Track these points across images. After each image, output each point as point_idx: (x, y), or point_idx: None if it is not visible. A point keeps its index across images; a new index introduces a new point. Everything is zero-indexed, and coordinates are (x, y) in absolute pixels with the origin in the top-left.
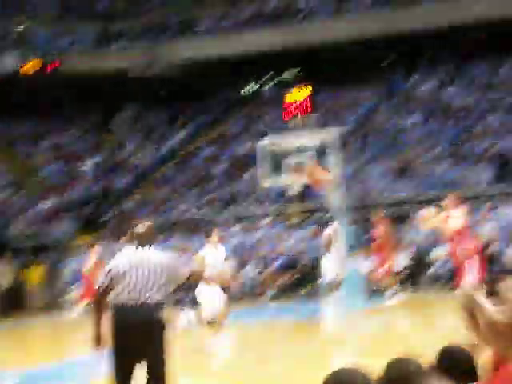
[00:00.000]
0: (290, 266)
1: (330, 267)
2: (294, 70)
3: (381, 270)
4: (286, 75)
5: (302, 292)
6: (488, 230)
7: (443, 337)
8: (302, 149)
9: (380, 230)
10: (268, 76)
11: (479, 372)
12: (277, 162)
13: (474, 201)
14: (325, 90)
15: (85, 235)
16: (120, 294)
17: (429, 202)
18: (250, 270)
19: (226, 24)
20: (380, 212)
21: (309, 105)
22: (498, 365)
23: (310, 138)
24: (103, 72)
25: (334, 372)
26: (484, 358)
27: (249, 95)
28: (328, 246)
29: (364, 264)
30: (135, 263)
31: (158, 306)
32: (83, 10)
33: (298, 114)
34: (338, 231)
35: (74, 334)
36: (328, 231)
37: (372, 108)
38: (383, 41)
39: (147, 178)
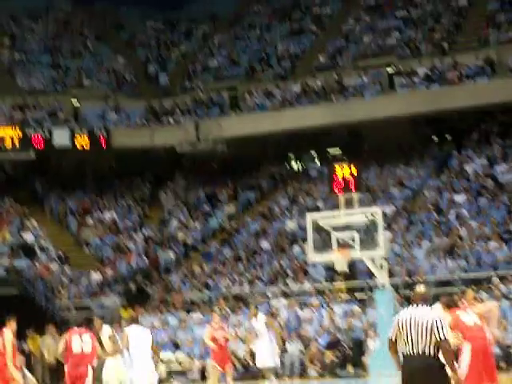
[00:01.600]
0: (334, 344)
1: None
2: (342, 147)
3: None
4: (333, 152)
5: (347, 370)
6: None
7: None
8: (348, 226)
9: None
10: (316, 152)
11: None
12: (324, 238)
13: None
14: (373, 167)
15: (131, 308)
16: (403, 345)
17: (477, 282)
18: (294, 348)
19: (273, 101)
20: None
21: (356, 181)
22: None
23: (357, 215)
24: (151, 147)
25: None
26: None
27: (295, 171)
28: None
29: None
30: (412, 319)
31: (433, 357)
32: (134, 87)
33: (345, 190)
34: None
35: None
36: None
37: (420, 185)
38: (432, 118)
39: (194, 252)
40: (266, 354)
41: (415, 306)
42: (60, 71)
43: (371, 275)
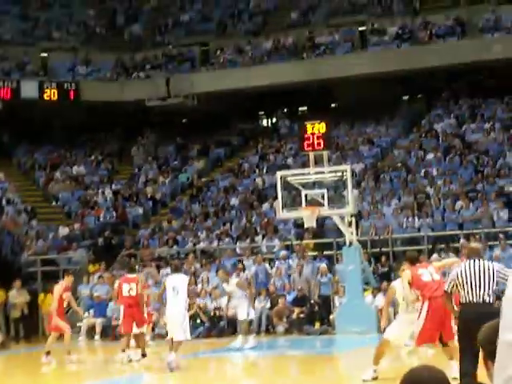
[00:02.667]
0: (301, 300)
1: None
2: (313, 104)
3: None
4: (304, 109)
5: (314, 327)
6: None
7: None
8: (318, 183)
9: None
10: (286, 109)
11: None
12: (294, 195)
13: (488, 240)
14: (342, 125)
15: (99, 263)
16: (464, 294)
17: (443, 240)
18: (262, 303)
19: (244, 57)
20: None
21: (326, 139)
22: None
23: (325, 174)
24: (121, 101)
25: (412, 370)
26: None
27: (265, 128)
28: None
29: (378, 300)
30: (473, 271)
31: (492, 303)
32: (104, 40)
33: (312, 149)
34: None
35: (85, 361)
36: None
37: (389, 144)
38: (403, 77)
39: (162, 207)
40: (241, 309)
41: (472, 260)
42: (29, 23)
43: (340, 232)
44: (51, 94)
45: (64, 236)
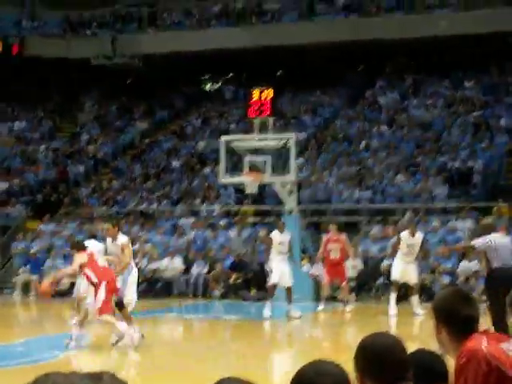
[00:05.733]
0: (239, 266)
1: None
2: (258, 71)
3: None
4: (249, 75)
5: (250, 292)
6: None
7: None
8: (261, 150)
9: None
10: (231, 74)
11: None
12: (235, 161)
13: (426, 214)
14: (287, 93)
15: (37, 219)
16: (492, 260)
17: (381, 213)
18: (200, 267)
19: (191, 20)
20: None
21: (270, 107)
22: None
23: (269, 141)
24: (66, 59)
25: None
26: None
27: (210, 92)
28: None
29: (315, 268)
30: (500, 241)
31: None
32: None
33: (258, 115)
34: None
35: (22, 316)
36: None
37: (332, 114)
38: (349, 47)
39: (104, 167)
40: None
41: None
42: None
43: (280, 200)
44: None
45: (2, 191)
